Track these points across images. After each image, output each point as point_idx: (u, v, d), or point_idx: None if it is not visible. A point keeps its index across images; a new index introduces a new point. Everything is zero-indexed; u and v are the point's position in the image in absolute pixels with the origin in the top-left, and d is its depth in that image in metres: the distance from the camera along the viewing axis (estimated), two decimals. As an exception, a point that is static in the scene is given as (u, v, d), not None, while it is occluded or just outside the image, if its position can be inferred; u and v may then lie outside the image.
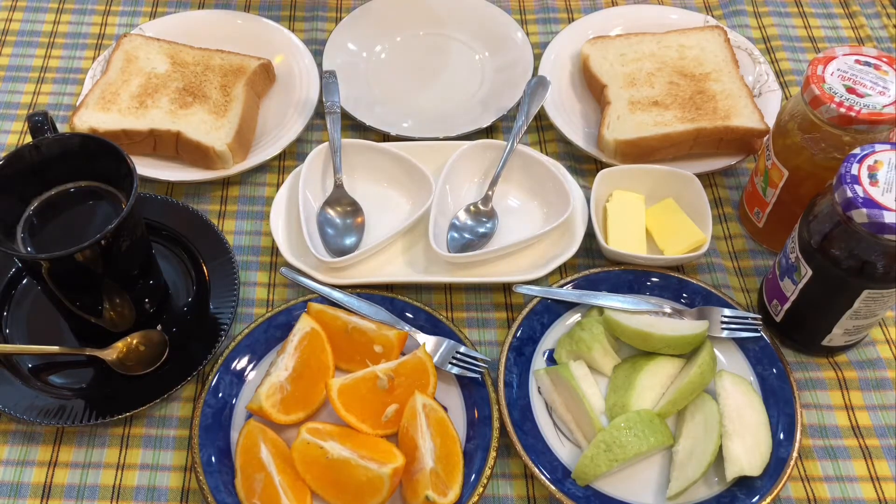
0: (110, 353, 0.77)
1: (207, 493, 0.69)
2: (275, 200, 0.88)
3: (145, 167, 0.90)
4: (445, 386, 0.77)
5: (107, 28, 1.08)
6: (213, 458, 0.72)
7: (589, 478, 0.71)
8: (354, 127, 0.97)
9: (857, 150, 0.69)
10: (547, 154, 0.95)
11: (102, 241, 0.68)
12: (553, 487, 0.70)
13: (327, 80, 0.96)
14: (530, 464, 0.71)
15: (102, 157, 0.73)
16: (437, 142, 0.93)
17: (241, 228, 0.90)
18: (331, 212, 0.88)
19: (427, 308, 0.80)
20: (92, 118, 0.91)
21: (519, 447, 0.72)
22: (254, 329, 0.79)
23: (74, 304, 0.75)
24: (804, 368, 0.81)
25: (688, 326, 0.78)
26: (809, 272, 0.73)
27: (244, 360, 0.78)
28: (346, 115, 0.96)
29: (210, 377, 0.76)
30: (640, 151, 0.91)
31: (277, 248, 0.85)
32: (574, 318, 0.82)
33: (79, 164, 0.74)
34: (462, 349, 0.77)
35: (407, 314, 0.81)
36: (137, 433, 0.76)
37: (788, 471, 0.71)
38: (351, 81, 0.99)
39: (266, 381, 0.73)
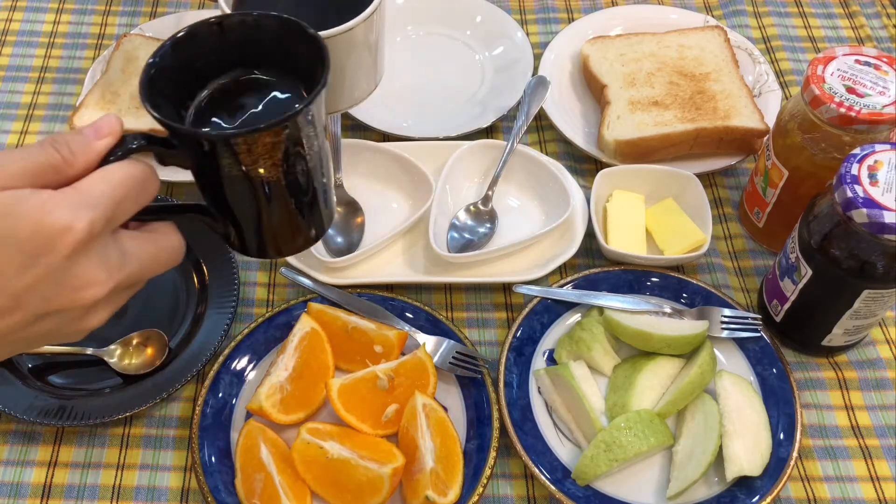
0: (110, 353, 0.77)
1: (207, 493, 0.69)
2: (275, 200, 0.88)
3: (145, 167, 0.90)
4: (445, 386, 0.77)
5: (107, 28, 1.08)
6: (213, 458, 0.72)
7: (589, 478, 0.70)
8: (354, 127, 0.97)
9: (857, 150, 0.69)
10: (547, 154, 0.95)
11: (287, 124, 0.50)
12: (553, 487, 0.70)
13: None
14: (530, 464, 0.71)
15: (293, 41, 0.56)
16: (437, 142, 0.93)
17: (241, 228, 0.90)
18: (331, 212, 0.88)
19: (427, 308, 0.80)
20: (92, 118, 0.91)
21: (519, 447, 0.72)
22: (254, 329, 0.79)
23: (235, 219, 0.56)
24: (804, 368, 0.81)
25: (688, 326, 0.78)
26: (809, 272, 0.73)
27: (244, 360, 0.78)
28: (346, 115, 0.96)
29: (210, 377, 0.76)
30: (640, 151, 0.91)
31: (277, 248, 0.85)
32: (574, 318, 0.82)
33: (263, 51, 0.57)
34: (462, 349, 0.77)
35: (407, 314, 0.80)
36: (137, 433, 0.76)
37: (788, 471, 0.71)
38: (351, 81, 0.99)
39: (266, 381, 0.73)
